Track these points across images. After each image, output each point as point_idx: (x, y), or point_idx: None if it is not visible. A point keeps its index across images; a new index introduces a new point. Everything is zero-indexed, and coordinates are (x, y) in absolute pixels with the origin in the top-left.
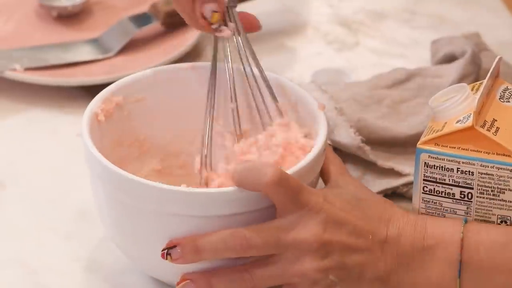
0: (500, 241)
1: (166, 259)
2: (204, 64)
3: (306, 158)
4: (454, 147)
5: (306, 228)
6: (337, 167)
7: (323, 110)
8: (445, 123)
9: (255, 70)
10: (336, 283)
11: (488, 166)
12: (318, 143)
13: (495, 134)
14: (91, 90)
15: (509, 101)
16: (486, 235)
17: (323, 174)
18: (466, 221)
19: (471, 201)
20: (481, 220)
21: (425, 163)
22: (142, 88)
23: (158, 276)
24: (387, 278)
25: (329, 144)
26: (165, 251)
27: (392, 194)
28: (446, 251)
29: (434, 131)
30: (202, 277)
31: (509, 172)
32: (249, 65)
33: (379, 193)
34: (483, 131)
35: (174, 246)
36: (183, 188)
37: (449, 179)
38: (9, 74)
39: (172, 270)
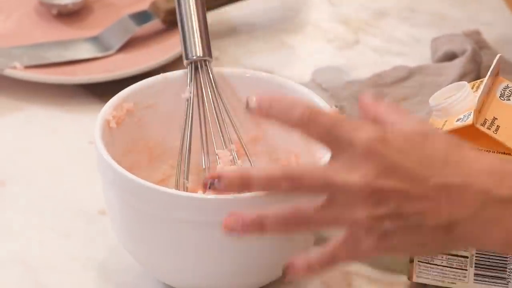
0: None
1: (209, 188)
2: (216, 70)
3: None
4: None
5: (357, 171)
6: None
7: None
8: (445, 121)
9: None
10: (394, 232)
11: None
12: None
13: (495, 132)
14: (91, 88)
15: (509, 99)
16: None
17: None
18: None
19: None
20: None
21: None
22: (153, 94)
23: (171, 283)
24: (452, 227)
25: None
26: (208, 181)
27: None
28: None
29: None
30: (252, 214)
31: None
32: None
33: None
34: (484, 129)
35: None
36: (194, 194)
37: None
38: (8, 72)
39: (185, 276)
